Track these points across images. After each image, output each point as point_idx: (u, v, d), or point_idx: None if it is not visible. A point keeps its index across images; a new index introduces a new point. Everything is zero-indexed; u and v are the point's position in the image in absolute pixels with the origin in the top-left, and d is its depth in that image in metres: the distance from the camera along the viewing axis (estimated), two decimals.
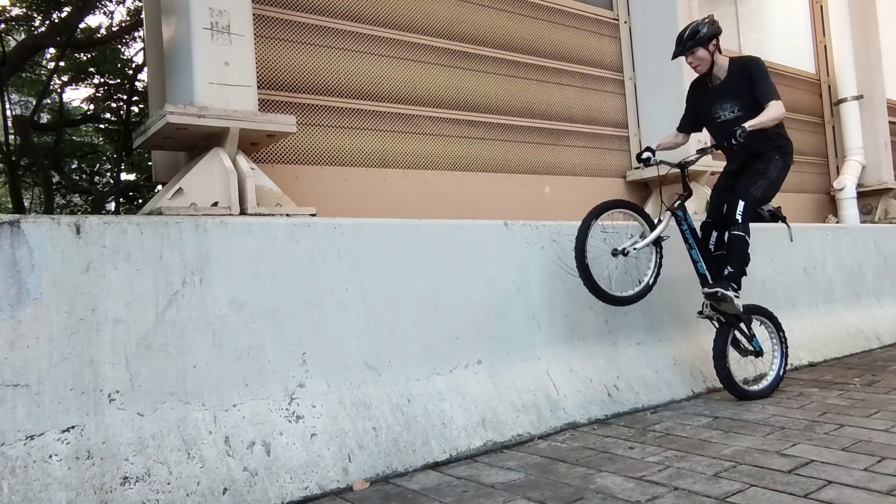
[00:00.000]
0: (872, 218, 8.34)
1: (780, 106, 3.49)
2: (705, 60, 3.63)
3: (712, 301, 3.52)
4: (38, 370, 2.21)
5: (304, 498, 2.44)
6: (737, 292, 3.47)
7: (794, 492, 2.20)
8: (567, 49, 5.90)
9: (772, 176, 3.63)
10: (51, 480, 2.11)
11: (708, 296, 3.51)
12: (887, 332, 5.44)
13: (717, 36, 3.62)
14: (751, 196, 3.52)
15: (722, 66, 3.69)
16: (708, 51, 3.61)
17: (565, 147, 5.76)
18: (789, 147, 3.73)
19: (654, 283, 3.50)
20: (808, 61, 8.51)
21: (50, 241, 2.28)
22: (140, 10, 10.64)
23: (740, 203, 3.48)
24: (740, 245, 3.50)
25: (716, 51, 3.64)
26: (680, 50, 3.65)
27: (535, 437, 3.10)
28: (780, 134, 3.70)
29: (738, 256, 3.51)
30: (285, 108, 4.29)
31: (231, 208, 3.38)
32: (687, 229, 3.64)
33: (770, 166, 3.64)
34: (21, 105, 16.09)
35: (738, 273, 3.54)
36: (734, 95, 3.64)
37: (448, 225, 3.31)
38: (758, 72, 3.59)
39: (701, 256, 3.63)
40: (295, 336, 2.74)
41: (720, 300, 3.46)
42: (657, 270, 3.53)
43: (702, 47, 3.60)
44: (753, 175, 3.62)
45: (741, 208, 3.47)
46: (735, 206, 3.48)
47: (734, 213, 3.47)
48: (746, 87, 3.58)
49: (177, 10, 3.62)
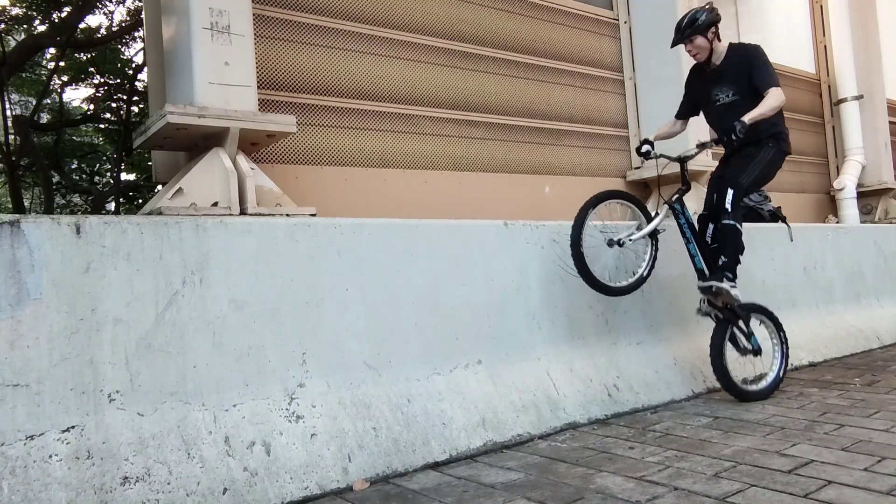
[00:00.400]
0: (872, 218, 8.34)
1: (779, 93, 3.46)
2: (704, 48, 3.62)
3: (708, 296, 3.51)
4: (38, 370, 2.21)
5: (304, 498, 2.44)
6: (732, 282, 3.45)
7: (794, 492, 2.20)
8: (567, 49, 5.90)
9: (763, 159, 3.60)
10: (51, 480, 2.11)
11: (703, 290, 3.51)
12: (887, 332, 5.44)
13: (716, 23, 3.61)
14: (739, 184, 3.50)
15: (721, 52, 3.68)
16: (707, 38, 3.60)
17: (565, 147, 5.76)
18: (784, 134, 3.69)
19: (648, 275, 3.49)
20: (808, 61, 8.52)
21: (50, 241, 2.28)
22: (140, 10, 10.64)
23: (729, 192, 3.45)
24: (732, 234, 3.47)
25: (715, 38, 3.62)
26: (679, 38, 3.64)
27: (535, 437, 3.09)
28: (775, 122, 3.66)
29: (730, 245, 3.48)
30: (285, 108, 4.29)
31: (231, 208, 3.38)
32: (685, 223, 3.62)
33: (761, 151, 3.61)
34: (21, 105, 16.09)
35: (733, 262, 3.51)
36: (732, 80, 3.63)
37: (448, 225, 3.31)
38: (757, 58, 3.58)
39: (699, 251, 3.61)
40: (295, 336, 2.73)
41: (716, 294, 3.45)
42: (652, 263, 3.51)
43: (700, 35, 3.58)
44: (742, 161, 3.61)
45: (730, 197, 3.44)
46: (724, 195, 3.46)
47: (724, 202, 3.45)
48: (745, 74, 3.57)
49: (177, 10, 3.62)
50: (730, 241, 3.48)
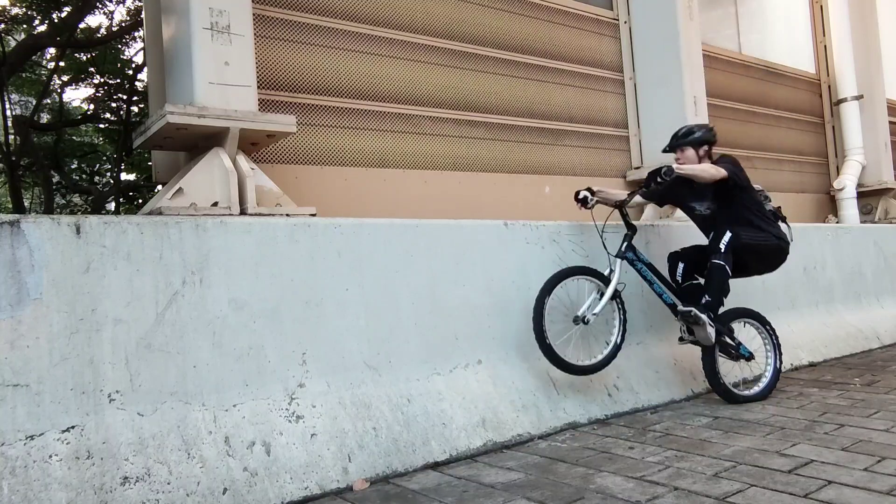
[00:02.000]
0: (872, 218, 8.34)
1: (716, 170, 3.42)
2: (691, 160, 3.66)
3: (687, 322, 3.47)
4: (38, 370, 2.21)
5: (304, 498, 2.44)
6: (711, 322, 3.43)
7: (794, 492, 2.20)
8: (567, 49, 5.90)
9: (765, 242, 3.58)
10: (51, 480, 2.11)
11: (683, 315, 3.45)
12: (887, 332, 5.44)
13: (711, 144, 3.71)
14: (739, 235, 3.47)
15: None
16: (697, 153, 3.67)
17: (565, 147, 5.76)
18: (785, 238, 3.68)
19: (622, 342, 3.43)
20: (808, 61, 8.51)
21: (50, 241, 2.28)
22: (140, 10, 10.65)
23: (727, 234, 3.45)
24: (720, 274, 3.43)
25: (705, 157, 3.69)
26: (672, 144, 3.76)
27: (535, 437, 3.09)
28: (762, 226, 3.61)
29: (717, 285, 3.46)
30: (285, 108, 4.28)
31: (231, 208, 3.38)
32: (642, 266, 3.58)
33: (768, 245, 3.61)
34: (21, 105, 16.09)
35: (716, 303, 3.50)
36: (708, 196, 3.66)
37: (448, 225, 3.31)
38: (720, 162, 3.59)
39: (665, 287, 3.61)
40: (295, 336, 2.73)
41: (694, 322, 3.41)
42: (623, 327, 3.45)
43: (692, 148, 3.68)
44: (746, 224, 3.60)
45: (727, 239, 3.43)
46: (721, 236, 3.45)
47: (718, 243, 3.44)
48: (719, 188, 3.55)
49: (177, 9, 3.62)
50: (717, 281, 3.45)
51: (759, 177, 7.43)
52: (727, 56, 7.39)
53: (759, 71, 7.70)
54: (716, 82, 6.96)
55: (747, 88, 7.52)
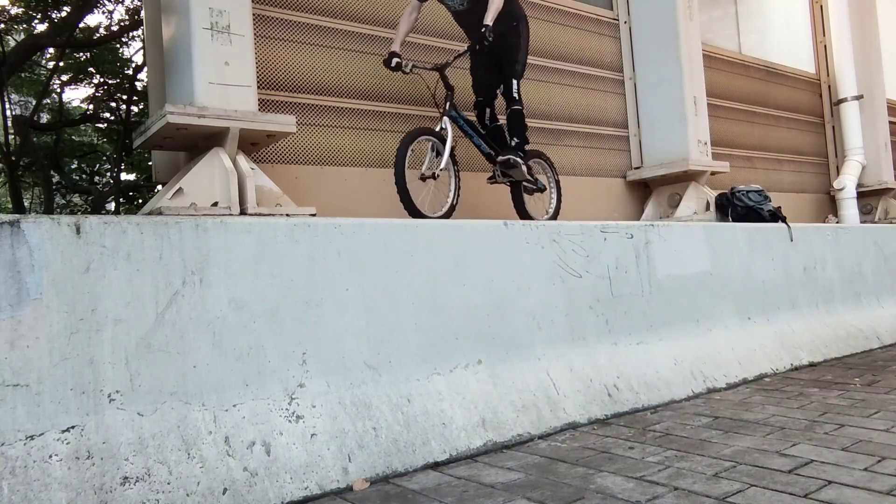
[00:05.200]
0: (872, 218, 8.34)
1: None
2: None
3: (504, 168, 4.18)
4: (38, 370, 2.21)
5: (304, 498, 2.44)
6: (523, 159, 4.17)
7: (794, 492, 2.20)
8: (567, 49, 5.90)
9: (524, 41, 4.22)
10: (51, 480, 2.11)
11: (502, 163, 4.17)
12: (887, 332, 5.44)
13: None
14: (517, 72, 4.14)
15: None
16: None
17: (565, 147, 5.76)
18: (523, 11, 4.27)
19: (457, 203, 4.01)
20: (808, 61, 8.52)
21: (50, 241, 2.28)
22: (140, 9, 10.65)
23: (513, 82, 4.10)
24: (519, 118, 4.18)
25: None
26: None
27: (535, 437, 3.10)
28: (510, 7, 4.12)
29: (520, 127, 4.19)
30: (285, 108, 4.29)
31: (231, 208, 3.38)
32: (464, 123, 4.16)
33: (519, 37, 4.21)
34: (21, 105, 16.10)
35: (523, 142, 4.23)
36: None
37: (448, 225, 3.31)
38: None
39: (482, 140, 4.22)
40: (295, 336, 2.74)
41: (512, 166, 4.08)
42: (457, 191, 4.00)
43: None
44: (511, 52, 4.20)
45: (515, 86, 4.10)
46: (510, 86, 4.11)
47: (511, 92, 4.09)
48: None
49: (177, 9, 3.62)
50: (518, 124, 4.17)
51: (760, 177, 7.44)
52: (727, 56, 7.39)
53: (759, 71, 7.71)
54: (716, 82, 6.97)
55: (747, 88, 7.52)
